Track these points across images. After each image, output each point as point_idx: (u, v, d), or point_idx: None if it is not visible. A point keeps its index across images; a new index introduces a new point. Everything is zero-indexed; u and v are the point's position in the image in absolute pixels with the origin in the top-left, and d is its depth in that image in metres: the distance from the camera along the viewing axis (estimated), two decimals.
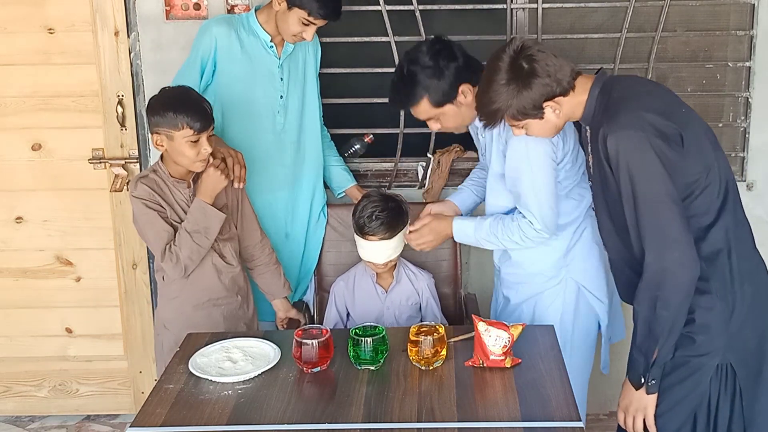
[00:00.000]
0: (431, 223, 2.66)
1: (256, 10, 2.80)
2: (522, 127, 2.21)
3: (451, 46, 2.49)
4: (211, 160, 2.49)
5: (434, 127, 2.58)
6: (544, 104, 2.12)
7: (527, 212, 2.46)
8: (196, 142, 2.43)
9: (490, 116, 2.20)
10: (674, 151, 2.01)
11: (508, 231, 2.51)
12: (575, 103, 2.16)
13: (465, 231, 2.61)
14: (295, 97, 2.88)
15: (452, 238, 2.65)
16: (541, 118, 2.15)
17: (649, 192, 2.02)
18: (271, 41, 2.78)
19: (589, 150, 2.23)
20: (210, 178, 2.50)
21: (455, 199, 2.80)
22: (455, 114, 2.51)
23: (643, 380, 2.15)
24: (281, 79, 2.83)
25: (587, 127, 2.21)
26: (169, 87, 2.55)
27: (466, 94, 2.47)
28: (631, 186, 2.03)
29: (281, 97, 2.84)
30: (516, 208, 2.52)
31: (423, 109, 2.50)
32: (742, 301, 2.11)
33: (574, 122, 2.33)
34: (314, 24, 2.66)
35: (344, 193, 3.09)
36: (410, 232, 2.67)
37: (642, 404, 2.19)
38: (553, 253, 2.56)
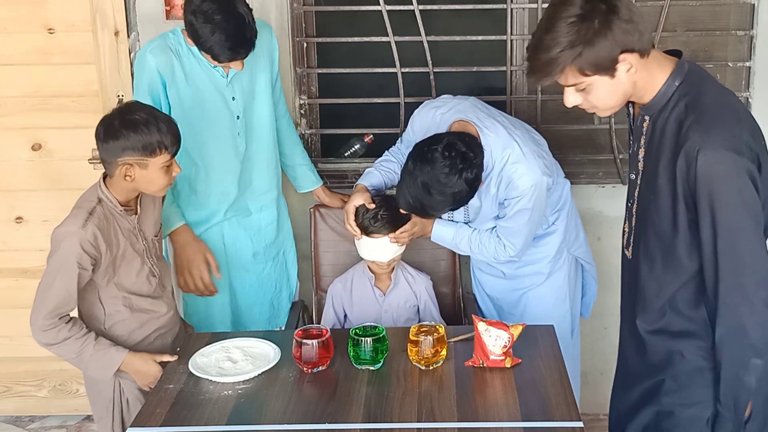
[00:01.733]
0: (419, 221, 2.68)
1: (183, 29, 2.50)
2: (582, 90, 1.80)
3: None
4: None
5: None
6: (621, 56, 1.73)
7: (509, 241, 2.59)
8: (169, 166, 2.23)
9: (546, 66, 1.75)
10: (760, 180, 1.77)
11: (484, 249, 2.65)
12: (648, 78, 1.80)
13: (443, 235, 2.71)
14: (255, 112, 2.70)
15: (428, 237, 2.73)
16: (612, 76, 1.76)
17: (740, 225, 1.75)
18: None
19: (642, 142, 1.92)
20: (147, 380, 2.30)
21: (365, 182, 2.75)
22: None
23: None
24: (233, 98, 2.62)
25: (646, 116, 1.89)
26: (122, 106, 2.29)
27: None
28: (712, 215, 1.74)
29: (237, 117, 2.65)
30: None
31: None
32: None
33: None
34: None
35: (311, 193, 3.02)
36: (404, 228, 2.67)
37: None
38: (556, 237, 2.69)
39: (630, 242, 2.05)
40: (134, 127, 2.16)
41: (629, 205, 2.04)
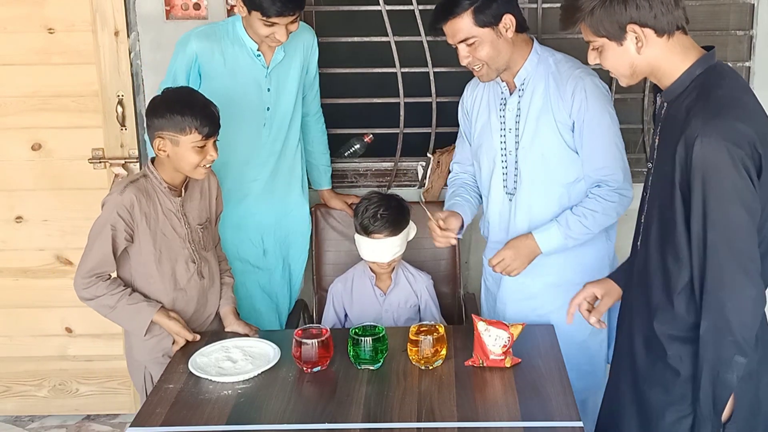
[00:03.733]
0: (508, 250, 2.45)
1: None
2: (596, 49, 1.92)
3: None
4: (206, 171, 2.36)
5: (464, 55, 2.40)
6: (629, 26, 1.82)
7: (608, 169, 2.38)
8: (202, 147, 2.31)
9: (568, 13, 1.91)
10: (759, 185, 1.75)
11: (595, 212, 2.39)
12: (667, 60, 1.85)
13: (551, 239, 2.43)
14: (284, 107, 2.76)
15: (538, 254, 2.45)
16: (620, 44, 1.85)
17: (732, 218, 1.72)
18: (258, 50, 2.64)
19: (659, 130, 1.94)
20: (171, 329, 2.37)
21: (461, 212, 2.58)
22: (492, 42, 2.36)
23: None
24: (268, 89, 2.70)
25: (665, 103, 1.91)
26: (172, 88, 2.44)
27: (508, 26, 2.36)
28: (704, 206, 1.73)
29: (267, 109, 2.72)
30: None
31: (463, 25, 2.34)
32: None
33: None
34: (277, 23, 2.48)
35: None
36: (491, 262, 2.46)
37: None
38: (606, 251, 2.53)
39: (640, 233, 2.04)
40: (171, 106, 2.31)
41: (644, 195, 2.04)
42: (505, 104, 2.49)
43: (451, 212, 2.55)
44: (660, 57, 1.85)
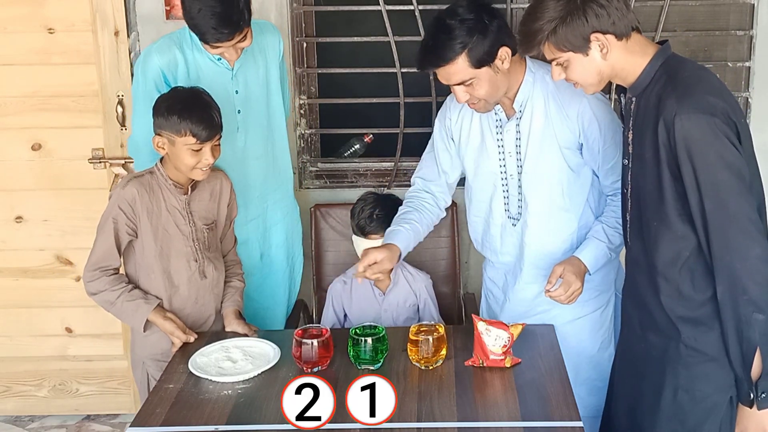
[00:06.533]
0: (565, 273, 2.30)
1: None
2: (562, 65, 1.98)
3: (491, 4, 2.24)
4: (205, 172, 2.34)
5: (462, 96, 2.25)
6: (592, 36, 1.90)
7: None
8: (198, 150, 2.30)
9: (529, 36, 1.95)
10: (742, 150, 1.84)
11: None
12: (629, 60, 1.94)
13: (598, 257, 2.35)
14: (258, 107, 2.66)
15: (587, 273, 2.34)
16: (586, 54, 1.93)
17: (723, 184, 1.80)
18: None
19: (630, 124, 2.01)
20: (166, 329, 2.37)
21: (397, 241, 2.44)
22: (490, 80, 2.22)
23: (752, 396, 1.88)
24: (236, 92, 2.60)
25: (633, 98, 1.99)
26: (181, 87, 2.42)
27: (504, 58, 2.21)
28: (695, 178, 1.81)
29: (239, 112, 2.61)
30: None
31: (458, 69, 2.18)
32: None
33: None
34: (221, 46, 2.41)
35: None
36: (547, 292, 2.31)
37: (761, 424, 1.90)
38: (611, 265, 2.45)
39: (627, 229, 2.10)
40: (171, 106, 2.32)
41: (625, 191, 2.10)
42: (502, 126, 2.39)
43: (386, 246, 2.43)
44: (622, 58, 1.95)
